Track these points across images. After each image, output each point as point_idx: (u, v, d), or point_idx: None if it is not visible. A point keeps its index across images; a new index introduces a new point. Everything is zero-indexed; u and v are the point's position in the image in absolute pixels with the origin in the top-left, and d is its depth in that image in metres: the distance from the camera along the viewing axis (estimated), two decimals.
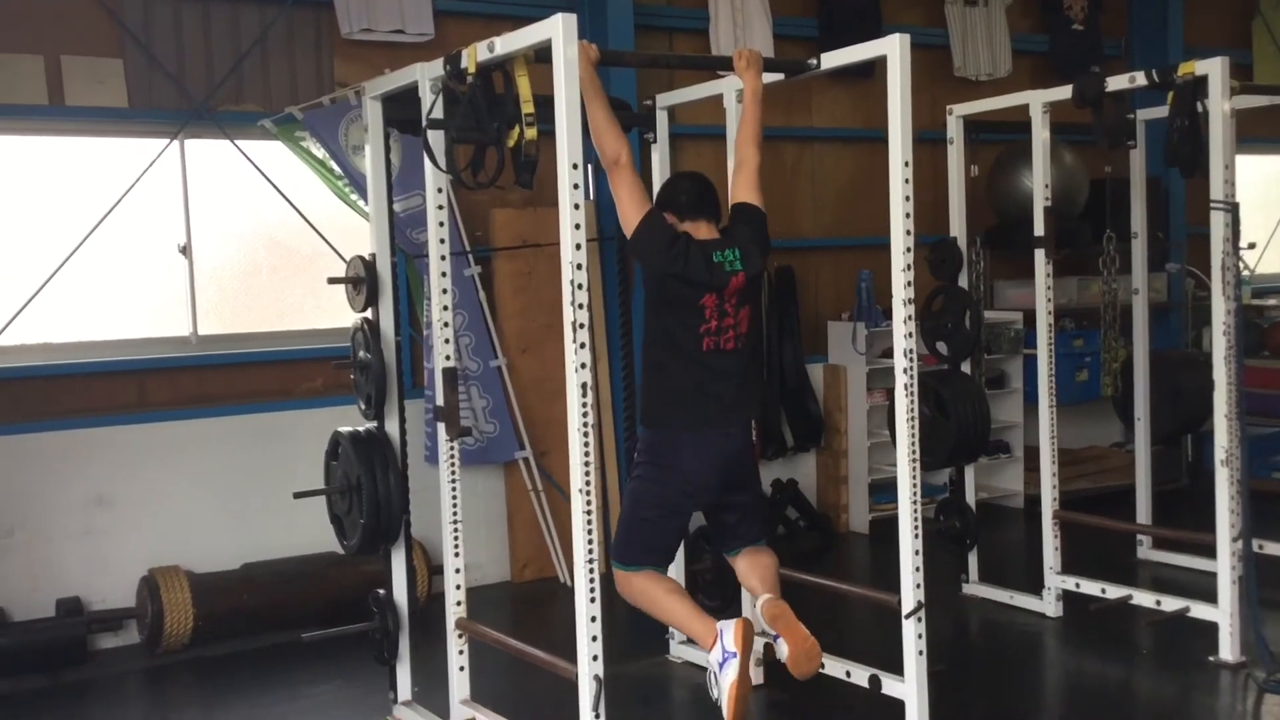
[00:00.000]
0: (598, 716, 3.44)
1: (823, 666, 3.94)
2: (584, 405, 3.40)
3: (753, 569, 4.06)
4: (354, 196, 5.85)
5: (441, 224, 4.16)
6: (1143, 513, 6.41)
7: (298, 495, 4.45)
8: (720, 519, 4.12)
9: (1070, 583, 5.53)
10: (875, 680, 4.26)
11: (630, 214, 3.88)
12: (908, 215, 3.98)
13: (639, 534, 3.92)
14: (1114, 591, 5.42)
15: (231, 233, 6.04)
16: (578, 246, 3.38)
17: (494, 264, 6.37)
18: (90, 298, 5.73)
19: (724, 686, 3.64)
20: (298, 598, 5.55)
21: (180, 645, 5.34)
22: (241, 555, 5.72)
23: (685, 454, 3.89)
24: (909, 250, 3.99)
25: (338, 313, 5.58)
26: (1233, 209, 4.77)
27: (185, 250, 5.87)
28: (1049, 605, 5.54)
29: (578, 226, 3.38)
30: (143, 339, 5.85)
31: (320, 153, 5.84)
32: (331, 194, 5.94)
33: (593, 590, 3.42)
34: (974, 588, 5.87)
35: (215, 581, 5.50)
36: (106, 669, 5.31)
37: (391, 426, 4.36)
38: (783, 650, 3.80)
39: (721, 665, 3.66)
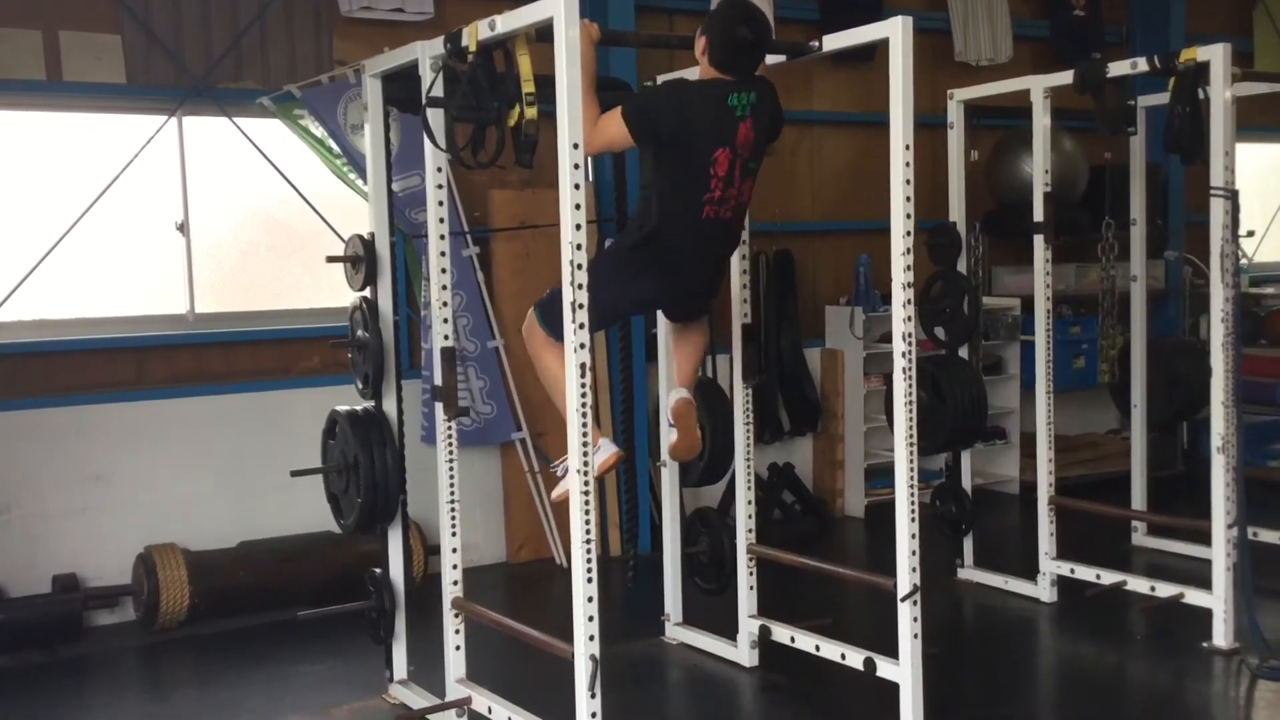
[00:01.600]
0: (593, 696, 3.45)
1: (702, 459, 4.53)
2: (583, 386, 3.40)
3: (680, 344, 4.42)
4: (352, 175, 5.84)
5: (440, 204, 4.15)
6: (1138, 499, 6.42)
7: (295, 474, 4.45)
8: (674, 311, 4.40)
9: (1065, 568, 5.55)
10: (870, 663, 4.27)
11: (613, 123, 3.79)
12: (908, 199, 3.97)
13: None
14: (1108, 577, 5.44)
15: (229, 211, 6.03)
16: (578, 227, 3.37)
17: (492, 245, 6.36)
18: (87, 275, 5.72)
19: (556, 491, 3.77)
20: (294, 576, 5.56)
21: (176, 623, 5.34)
22: (238, 533, 5.72)
23: (646, 286, 4.02)
24: (909, 234, 3.98)
25: (336, 292, 5.58)
26: (1232, 196, 4.76)
27: (183, 228, 5.86)
28: (1044, 590, 5.55)
29: (578, 207, 3.37)
30: (140, 316, 5.84)
31: (319, 131, 5.82)
32: (330, 173, 5.93)
33: (589, 571, 3.42)
34: (969, 572, 5.88)
35: (211, 559, 5.51)
36: (102, 646, 5.31)
37: (389, 406, 4.36)
38: (672, 437, 4.37)
39: (567, 474, 3.58)
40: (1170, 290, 8.32)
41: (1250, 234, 5.21)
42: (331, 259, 4.49)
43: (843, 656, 4.41)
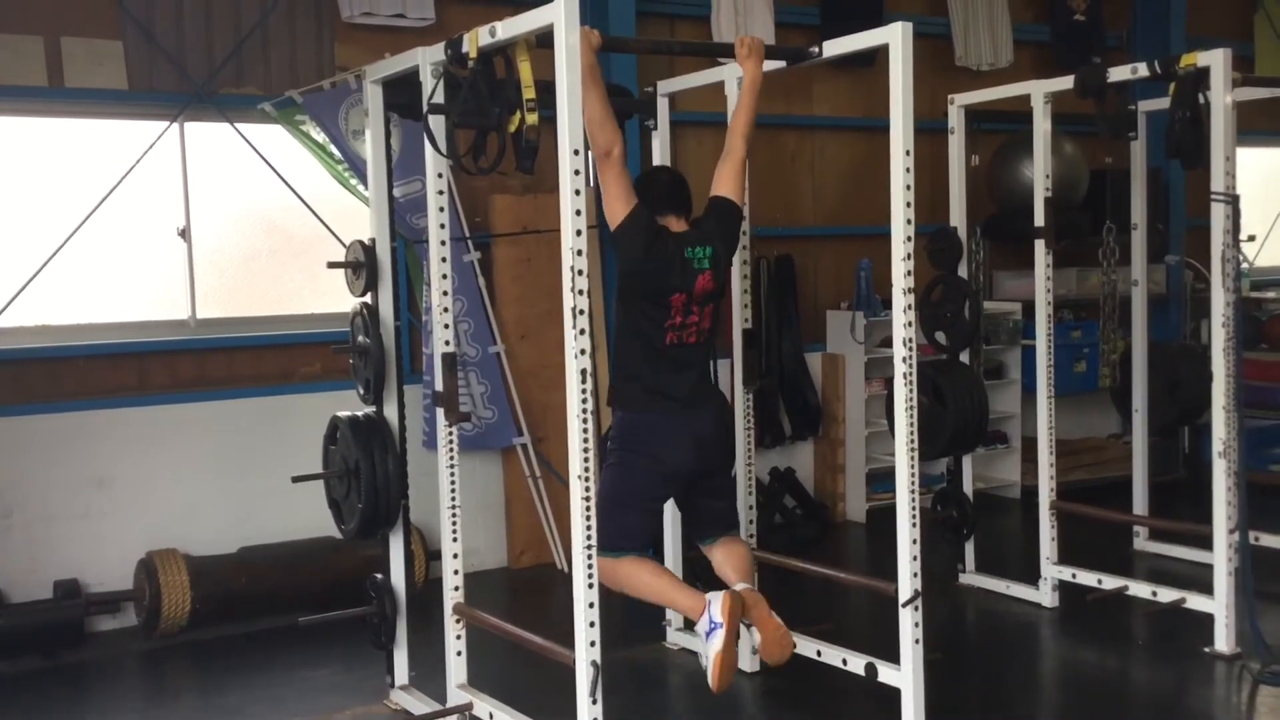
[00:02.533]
0: (595, 702, 3.45)
1: (794, 647, 4.06)
2: (583, 391, 3.40)
3: (727, 559, 4.17)
4: (354, 181, 5.84)
5: (442, 209, 4.15)
6: (1139, 504, 6.41)
7: (296, 479, 4.45)
8: (695, 503, 4.25)
9: (1067, 573, 5.55)
10: (871, 668, 4.27)
11: (616, 207, 3.94)
12: (908, 204, 3.98)
13: (618, 519, 3.95)
14: (1110, 582, 5.43)
15: (231, 216, 6.04)
16: (578, 233, 3.38)
17: (493, 250, 6.37)
18: (90, 280, 5.73)
19: (710, 655, 3.78)
20: (295, 581, 5.55)
21: (177, 628, 5.34)
22: (239, 538, 5.72)
23: (658, 436, 4.02)
24: (909, 239, 3.99)
25: (337, 297, 5.58)
26: (1233, 201, 4.77)
27: (184, 233, 5.86)
28: (1045, 595, 5.55)
29: (578, 213, 3.38)
30: (142, 322, 5.84)
31: (320, 137, 5.83)
32: (331, 178, 5.93)
33: (591, 577, 3.42)
34: (970, 577, 5.88)
35: (213, 564, 5.51)
36: (104, 651, 5.31)
37: (390, 411, 4.37)
38: (755, 637, 3.94)
39: (708, 635, 3.80)
40: (1171, 295, 8.31)
41: (1251, 238, 5.21)
42: (333, 264, 4.49)
43: (844, 662, 4.41)
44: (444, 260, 4.17)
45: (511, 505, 6.44)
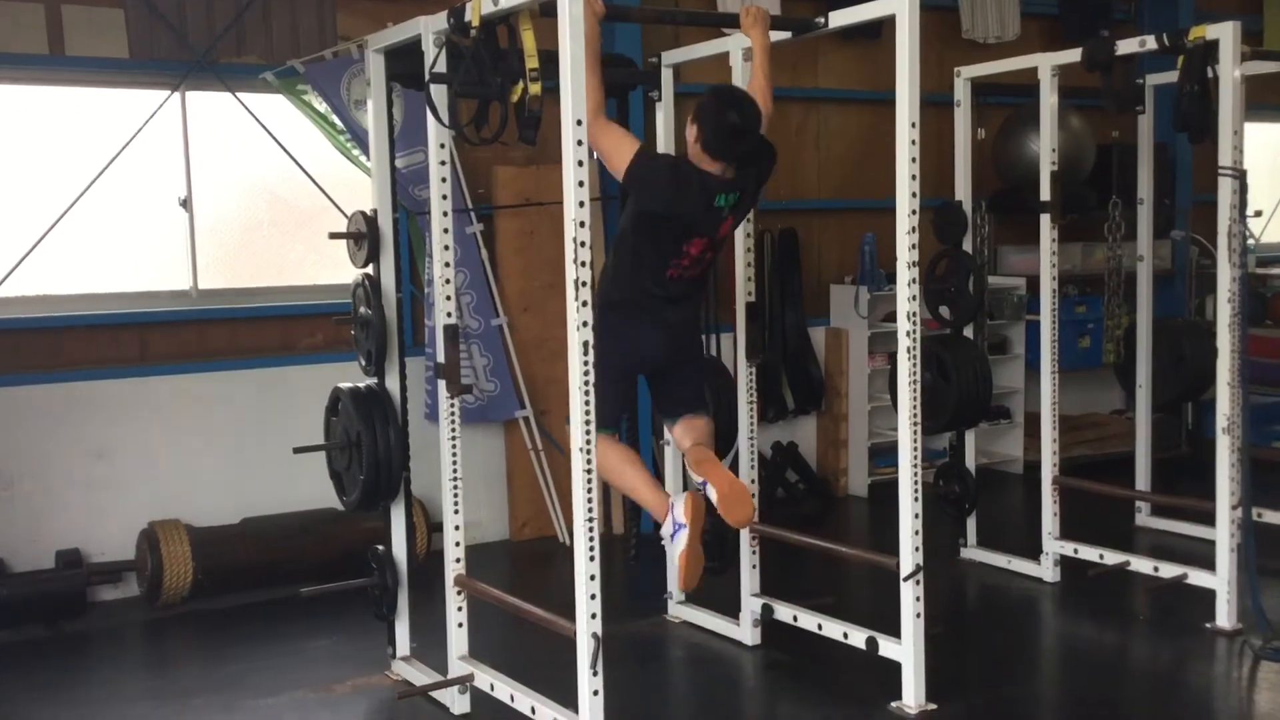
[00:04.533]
0: (595, 674, 3.45)
1: (753, 506, 4.20)
2: (585, 364, 3.38)
3: (687, 432, 4.24)
4: (356, 151, 5.81)
5: (444, 180, 4.13)
6: (1142, 479, 6.40)
7: (298, 450, 4.45)
8: (663, 386, 4.28)
9: (1068, 548, 5.54)
10: (872, 642, 4.27)
11: (619, 154, 3.83)
12: (914, 177, 3.95)
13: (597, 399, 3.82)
14: (1112, 557, 5.43)
15: (232, 186, 6.01)
16: (581, 204, 3.35)
17: (496, 222, 6.34)
18: (90, 250, 5.71)
19: (673, 556, 3.86)
20: (297, 552, 5.56)
21: (179, 598, 5.35)
22: (241, 509, 5.72)
23: (632, 330, 4.04)
24: (914, 213, 3.96)
25: (339, 268, 5.56)
26: (1241, 176, 4.74)
27: (186, 203, 5.84)
28: (1047, 570, 5.54)
29: (581, 184, 3.35)
30: (144, 292, 5.83)
31: (322, 107, 5.79)
32: (333, 148, 5.90)
33: (592, 549, 3.42)
34: (972, 552, 5.88)
35: (215, 535, 5.51)
36: (106, 621, 5.33)
37: (392, 383, 4.35)
38: (712, 495, 3.93)
39: (673, 536, 3.86)
40: (1176, 270, 8.29)
41: (1258, 214, 5.18)
42: (334, 235, 4.47)
43: (845, 635, 4.41)
44: (446, 232, 4.15)
45: (513, 478, 6.44)
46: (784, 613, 4.71)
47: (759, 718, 4.44)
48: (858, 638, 4.35)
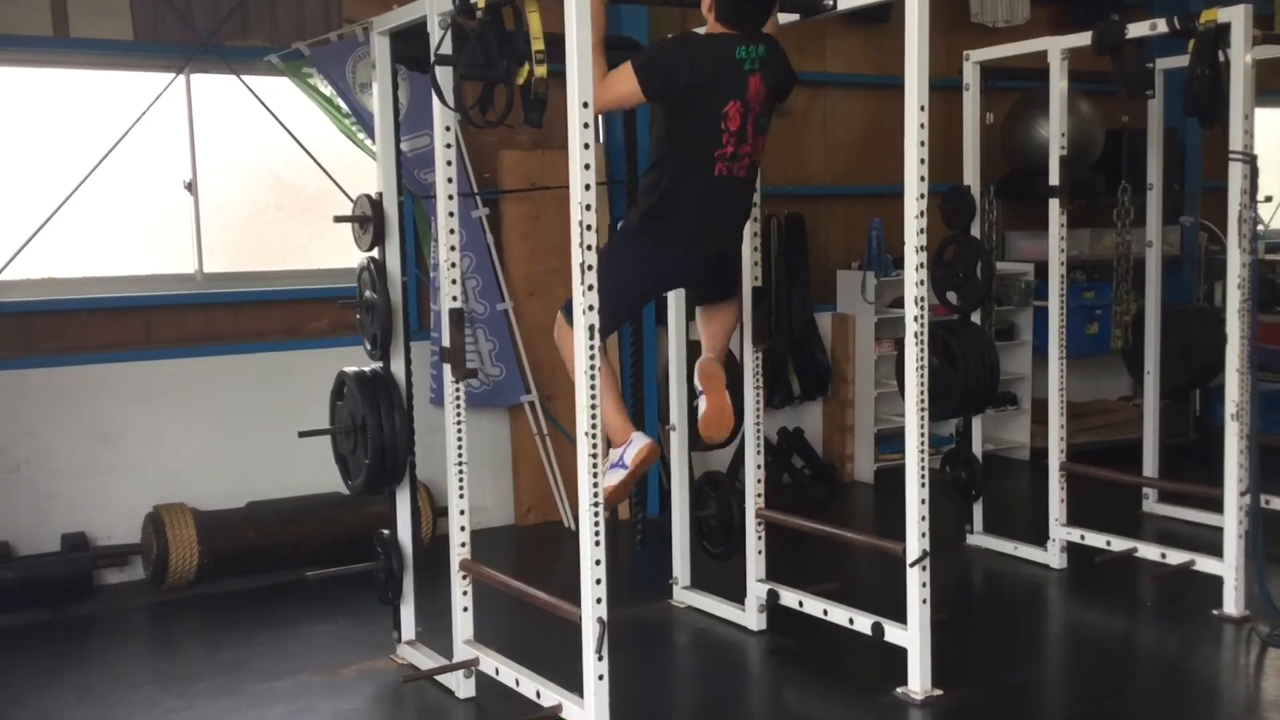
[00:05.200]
0: (600, 659, 3.44)
1: (732, 437, 4.20)
2: (591, 348, 3.37)
3: (709, 319, 4.28)
4: (361, 135, 5.79)
5: (449, 164, 4.11)
6: (1149, 466, 6.38)
7: (303, 434, 4.44)
8: (698, 287, 4.30)
9: (1075, 535, 5.53)
10: (878, 628, 4.26)
11: (623, 78, 3.79)
12: (922, 162, 3.92)
13: (604, 300, 3.61)
14: (1119, 544, 5.41)
15: (237, 170, 5.99)
16: (587, 187, 3.33)
17: (502, 206, 6.32)
18: (95, 233, 5.70)
19: (604, 485, 3.66)
20: (301, 537, 5.56)
21: (185, 582, 5.35)
22: (246, 494, 5.72)
23: (664, 260, 3.99)
24: (923, 197, 3.94)
25: (345, 252, 5.56)
26: (1251, 161, 4.70)
27: (191, 187, 5.82)
28: (1053, 557, 5.53)
29: (587, 167, 3.33)
30: (148, 276, 5.82)
31: (327, 90, 5.77)
32: (339, 132, 5.88)
33: (598, 534, 3.41)
34: (978, 538, 5.86)
35: (220, 519, 5.51)
36: (111, 604, 5.33)
37: (397, 367, 4.34)
38: (700, 407, 4.06)
39: (612, 468, 3.84)
40: (1185, 256, 8.25)
41: (1268, 199, 5.15)
42: (339, 219, 4.46)
43: (851, 621, 4.40)
44: (452, 215, 4.13)
45: (518, 463, 6.43)
46: (789, 598, 4.70)
47: (764, 703, 4.44)
48: (863, 623, 4.34)
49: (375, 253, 4.35)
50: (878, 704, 4.10)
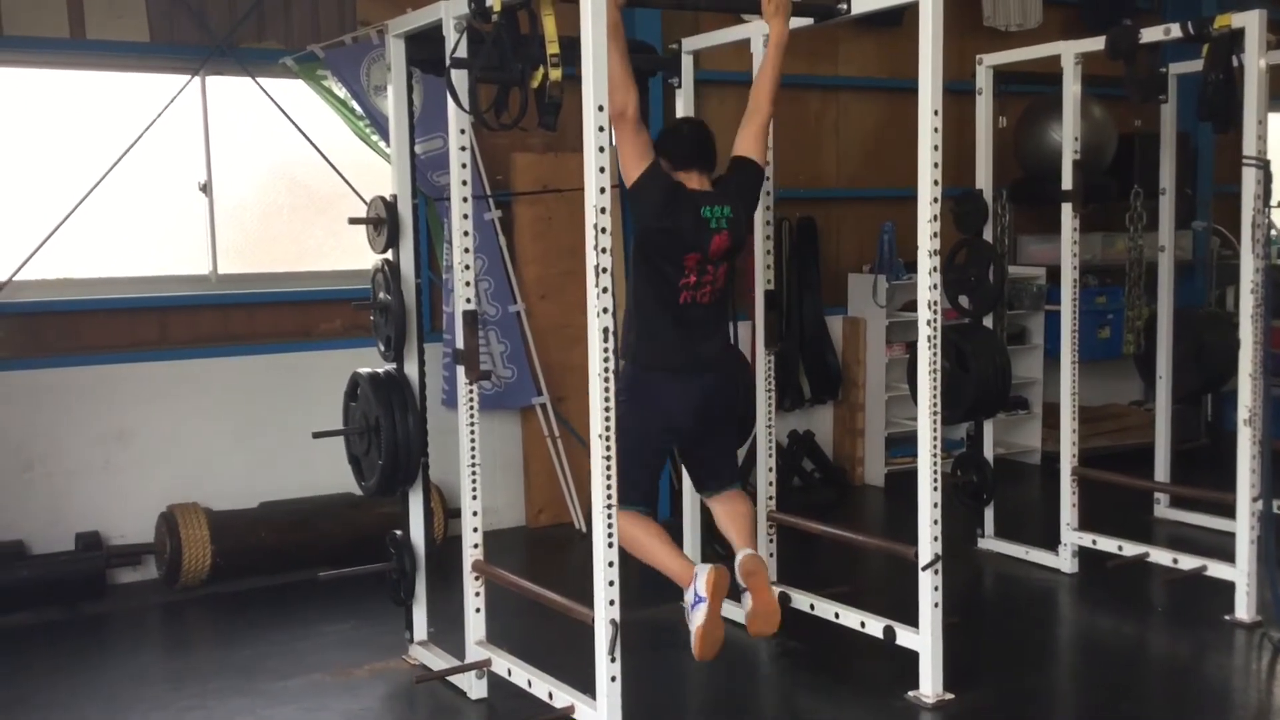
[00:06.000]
0: (613, 660, 3.45)
1: (780, 624, 4.06)
2: (605, 351, 3.38)
3: (731, 519, 4.26)
4: (375, 137, 5.82)
5: (464, 165, 4.13)
6: (1161, 471, 6.37)
7: (317, 435, 4.46)
8: (697, 457, 4.32)
9: (1087, 539, 5.52)
10: (890, 631, 4.26)
11: (632, 165, 3.95)
12: (936, 165, 3.93)
13: (620, 470, 3.83)
14: (1131, 549, 5.41)
15: (252, 171, 6.02)
16: (601, 190, 3.34)
17: (514, 209, 6.34)
18: (110, 234, 5.73)
19: (693, 628, 3.82)
20: (314, 537, 5.58)
21: (198, 581, 5.38)
22: (259, 494, 5.75)
23: (664, 393, 4.06)
24: (936, 201, 3.95)
25: (358, 254, 5.57)
26: (1265, 166, 4.70)
27: (206, 188, 5.85)
28: (1065, 561, 5.53)
29: (602, 170, 3.34)
30: (163, 276, 5.85)
31: (342, 92, 5.80)
32: (353, 134, 5.90)
33: (610, 536, 3.42)
34: (989, 542, 5.87)
35: (233, 519, 5.53)
36: (125, 603, 5.36)
37: (411, 368, 4.36)
38: (747, 604, 4.00)
39: (693, 607, 3.84)
40: (1197, 261, 8.23)
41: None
42: (354, 220, 4.48)
43: (862, 625, 4.41)
44: (466, 218, 4.15)
45: (530, 464, 6.44)
46: (801, 601, 4.70)
47: (775, 706, 4.44)
48: (875, 627, 4.34)
49: (389, 254, 4.37)
50: (889, 707, 4.11)
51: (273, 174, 6.08)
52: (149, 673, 4.58)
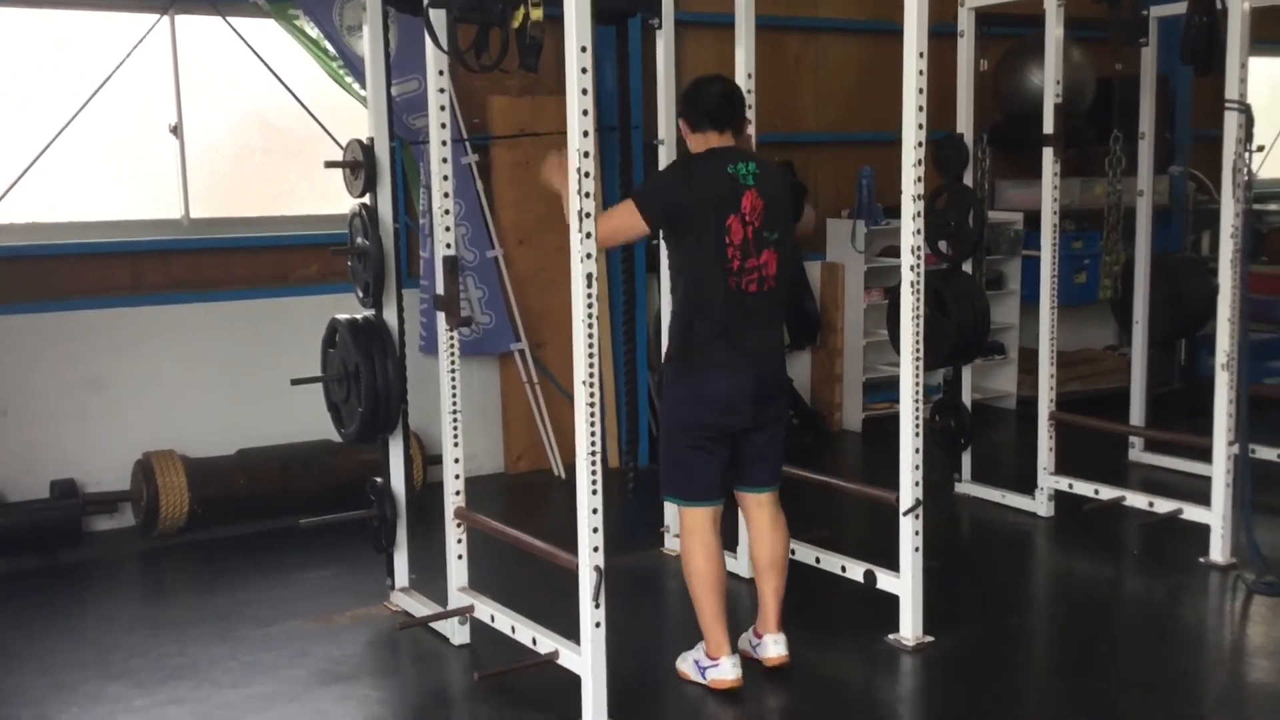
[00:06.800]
0: (598, 606, 3.45)
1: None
2: (589, 296, 3.35)
3: (768, 570, 3.97)
4: (349, 79, 5.73)
5: (443, 108, 4.07)
6: (1137, 415, 6.41)
7: (295, 382, 4.42)
8: (739, 450, 3.90)
9: (1063, 483, 5.56)
10: (870, 575, 4.29)
11: (626, 213, 3.74)
12: (920, 109, 3.90)
13: (679, 469, 3.85)
14: (1107, 492, 5.45)
15: (223, 114, 5.92)
16: (585, 134, 3.29)
17: (491, 153, 6.27)
18: (80, 177, 5.63)
19: (687, 674, 3.93)
20: (293, 484, 5.55)
21: (176, 529, 5.34)
22: (236, 440, 5.70)
23: (715, 382, 3.77)
24: (920, 145, 3.92)
25: (333, 199, 5.49)
26: (1247, 110, 4.69)
27: (176, 130, 5.75)
28: (1041, 505, 5.57)
29: (585, 113, 3.29)
30: (134, 221, 5.76)
31: (314, 32, 5.70)
32: (326, 75, 5.81)
33: (594, 483, 3.40)
34: (967, 487, 5.90)
35: (210, 466, 5.50)
36: (102, 551, 5.33)
37: (390, 315, 4.31)
38: (765, 652, 3.99)
39: (703, 671, 3.87)
40: (1174, 206, 8.24)
41: (1260, 149, 5.13)
42: (330, 164, 4.40)
43: (843, 569, 4.43)
44: (445, 162, 4.10)
45: (508, 411, 6.42)
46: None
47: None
48: (855, 571, 4.37)
49: (367, 199, 4.30)
50: (870, 650, 4.14)
51: (244, 116, 5.98)
52: (128, 620, 4.56)
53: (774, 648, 3.96)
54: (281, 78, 5.80)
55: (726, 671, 3.81)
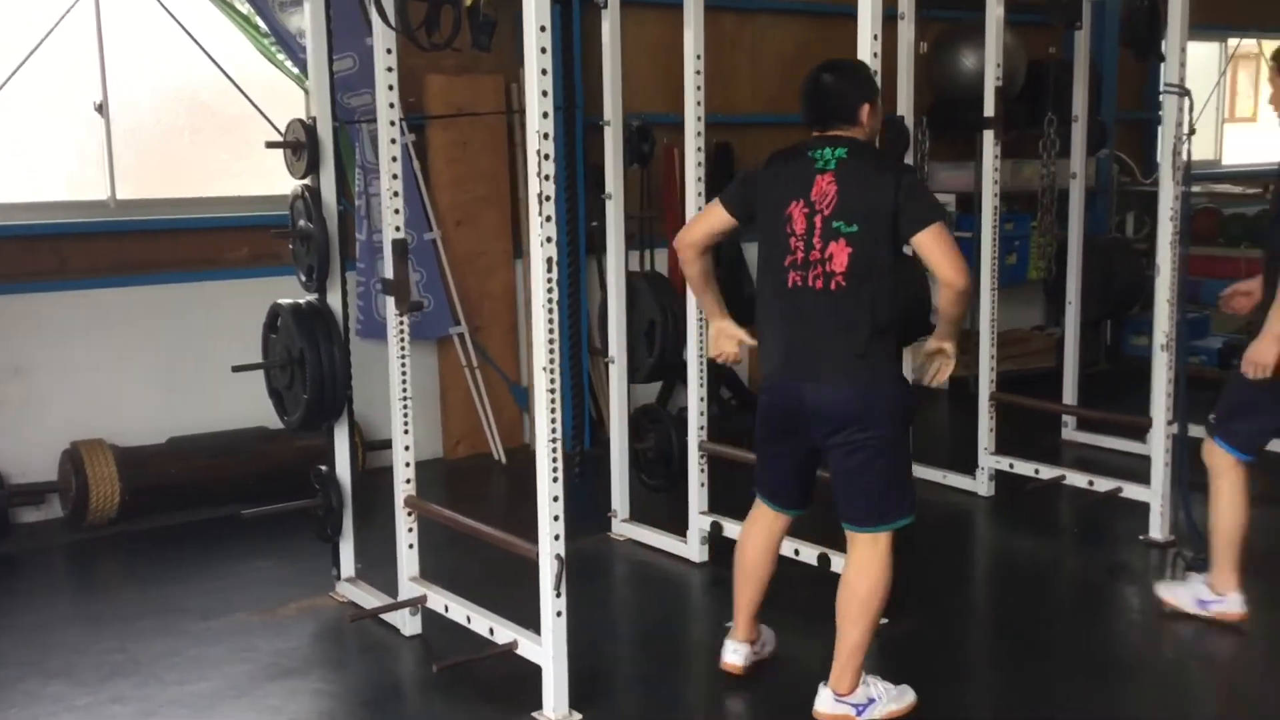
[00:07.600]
0: (559, 595, 3.41)
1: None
2: (549, 281, 3.30)
3: (840, 607, 3.63)
4: (281, 56, 5.59)
5: (391, 87, 3.97)
6: (1069, 394, 6.51)
7: (237, 369, 4.29)
8: (833, 472, 3.56)
9: (1004, 463, 5.62)
10: (824, 559, 4.30)
11: (710, 207, 3.73)
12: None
13: (757, 453, 3.74)
14: (1047, 472, 5.52)
15: (151, 92, 5.73)
16: (545, 115, 3.24)
17: (427, 133, 6.15)
18: (2, 157, 5.42)
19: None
20: (228, 472, 5.42)
21: (106, 520, 5.19)
22: (167, 429, 5.55)
23: (769, 384, 3.60)
24: None
25: (265, 179, 5.37)
26: (1186, 94, 4.75)
27: (102, 109, 5.55)
28: (981, 485, 5.63)
29: (545, 94, 3.23)
30: (59, 202, 5.56)
31: (245, 8, 5.55)
32: (257, 52, 5.65)
33: (555, 470, 3.36)
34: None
35: (141, 455, 5.34)
36: (30, 543, 5.16)
37: (334, 299, 4.21)
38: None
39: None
40: (1100, 189, 8.37)
41: (1193, 132, 5.20)
42: (271, 144, 4.27)
43: (796, 552, 4.42)
44: (394, 143, 4.00)
45: (447, 395, 6.33)
46: (733, 530, 4.68)
47: (710, 634, 4.40)
48: (809, 554, 4.37)
49: (310, 180, 4.19)
50: (824, 634, 4.12)
51: (173, 95, 5.80)
52: (65, 616, 4.42)
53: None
54: (211, 55, 5.62)
55: (730, 660, 3.83)
